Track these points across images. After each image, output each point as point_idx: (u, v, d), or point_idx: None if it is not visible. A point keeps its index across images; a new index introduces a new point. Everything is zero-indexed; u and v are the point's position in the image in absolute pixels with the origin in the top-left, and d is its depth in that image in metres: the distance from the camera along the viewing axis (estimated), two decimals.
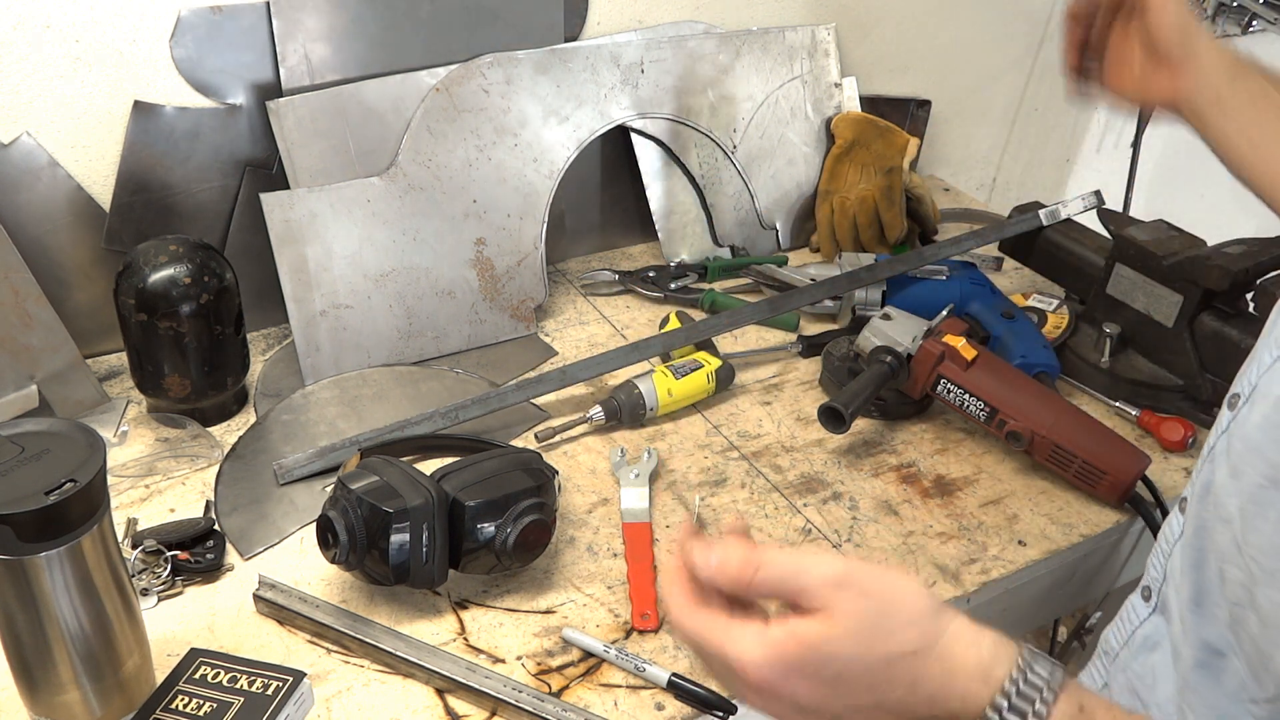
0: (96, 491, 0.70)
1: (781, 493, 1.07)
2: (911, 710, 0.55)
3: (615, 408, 1.13)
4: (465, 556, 0.88)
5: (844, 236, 1.47)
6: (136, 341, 1.05)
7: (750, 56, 1.45)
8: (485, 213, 1.27)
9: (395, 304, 1.22)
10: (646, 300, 1.40)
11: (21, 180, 1.09)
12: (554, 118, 1.31)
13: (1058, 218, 1.33)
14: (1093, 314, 1.27)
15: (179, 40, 1.12)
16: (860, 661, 0.54)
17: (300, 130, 1.18)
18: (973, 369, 1.10)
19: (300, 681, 0.80)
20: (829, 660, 0.54)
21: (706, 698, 0.83)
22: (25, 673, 0.74)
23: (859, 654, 0.54)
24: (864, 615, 0.54)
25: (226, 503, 1.01)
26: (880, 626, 0.54)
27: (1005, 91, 1.86)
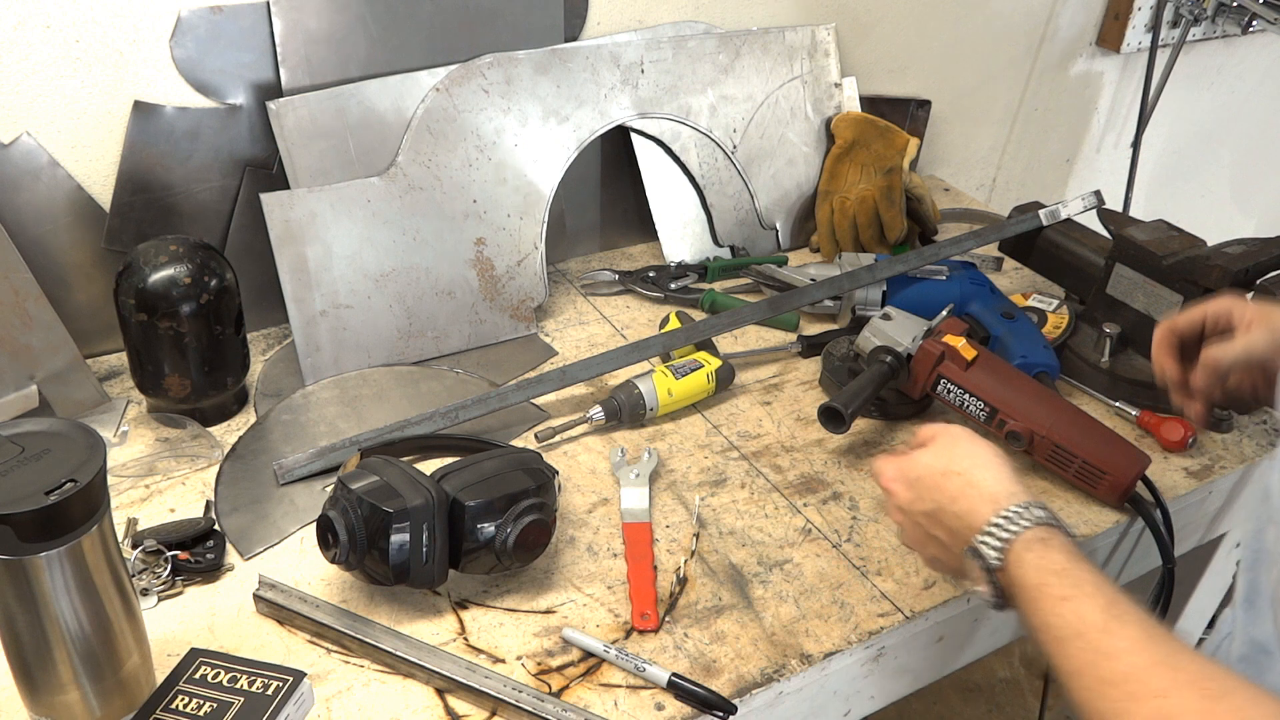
0: (96, 491, 0.70)
1: (781, 493, 1.07)
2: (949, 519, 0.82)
3: (615, 408, 1.13)
4: (465, 556, 0.88)
5: (844, 236, 1.47)
6: (136, 341, 1.05)
7: (750, 56, 1.45)
8: (485, 213, 1.27)
9: (395, 304, 1.22)
10: (646, 300, 1.40)
11: (21, 180, 1.09)
12: (554, 118, 1.31)
13: (1058, 218, 1.33)
14: (1093, 314, 1.27)
15: (179, 40, 1.12)
16: (929, 469, 0.84)
17: (300, 130, 1.18)
18: (973, 369, 1.10)
19: (300, 681, 0.80)
20: (914, 468, 0.85)
21: (706, 698, 0.83)
22: (25, 673, 0.74)
23: (930, 463, 0.84)
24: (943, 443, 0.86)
25: (226, 503, 1.01)
26: (948, 450, 0.85)
27: (1005, 91, 1.86)
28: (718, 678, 0.87)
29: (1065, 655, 0.67)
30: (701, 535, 1.01)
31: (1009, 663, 2.12)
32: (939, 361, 1.11)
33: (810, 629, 0.92)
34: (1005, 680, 2.08)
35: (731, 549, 1.00)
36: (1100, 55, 1.92)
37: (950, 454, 0.84)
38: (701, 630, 0.91)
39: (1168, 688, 0.61)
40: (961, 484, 0.81)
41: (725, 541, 1.01)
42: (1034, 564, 0.72)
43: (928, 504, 0.84)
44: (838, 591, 0.96)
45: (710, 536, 1.01)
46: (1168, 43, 1.88)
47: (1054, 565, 0.71)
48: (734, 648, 0.90)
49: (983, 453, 0.83)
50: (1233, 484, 1.21)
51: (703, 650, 0.89)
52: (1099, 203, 1.32)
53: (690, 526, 1.02)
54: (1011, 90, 1.87)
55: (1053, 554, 0.72)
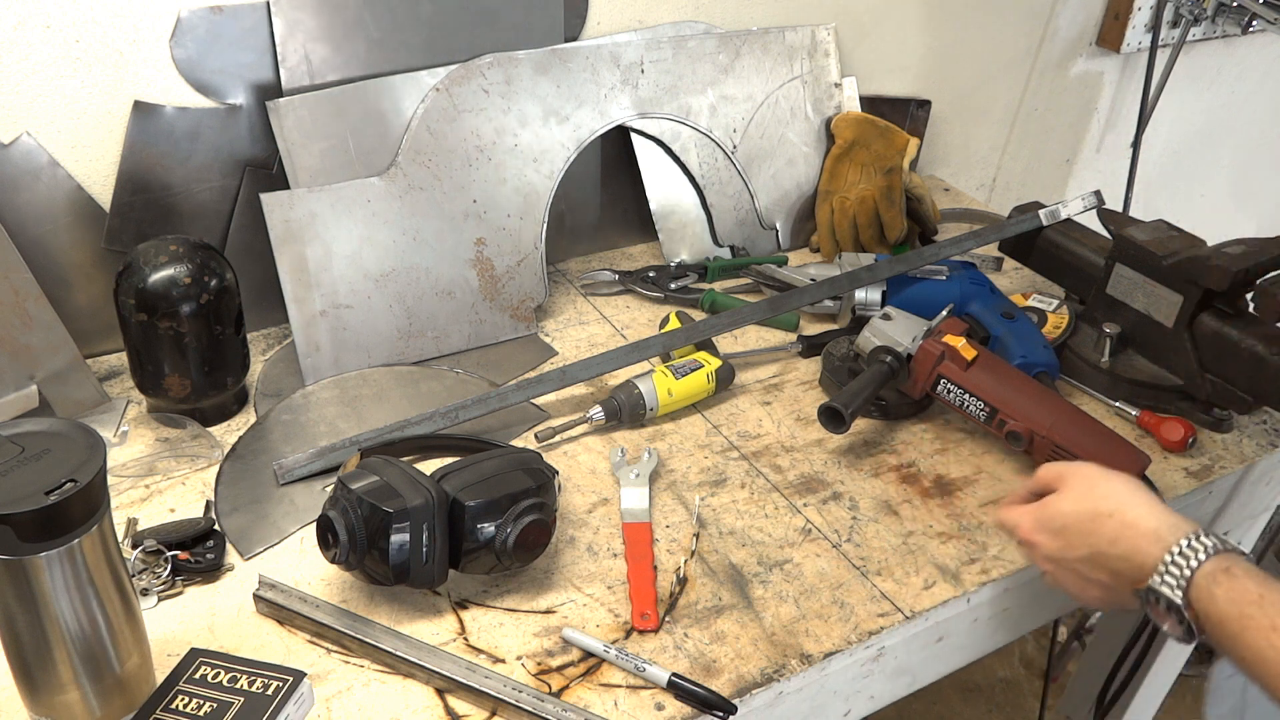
0: (96, 491, 0.70)
1: (781, 493, 1.07)
2: (1111, 561, 0.80)
3: (615, 408, 1.13)
4: (465, 556, 0.88)
5: (844, 236, 1.47)
6: (136, 341, 1.05)
7: (750, 56, 1.45)
8: (485, 213, 1.27)
9: (395, 304, 1.22)
10: (646, 300, 1.40)
11: (21, 180, 1.09)
12: (554, 118, 1.31)
13: (1058, 218, 1.33)
14: (1093, 314, 1.27)
15: (179, 40, 1.12)
16: (1075, 515, 0.82)
17: (300, 130, 1.18)
18: (973, 369, 1.10)
19: (300, 681, 0.80)
20: (1056, 516, 0.84)
21: (706, 698, 0.83)
22: (25, 673, 0.74)
23: (1075, 510, 0.82)
24: (1080, 486, 0.83)
25: (226, 503, 1.01)
26: (1089, 493, 0.82)
27: (1005, 91, 1.86)
28: (718, 678, 0.87)
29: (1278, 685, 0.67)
30: (701, 535, 1.01)
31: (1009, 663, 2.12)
32: (939, 361, 1.11)
33: (810, 629, 0.92)
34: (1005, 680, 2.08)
35: (731, 549, 1.00)
36: (1100, 55, 1.92)
37: (1092, 495, 0.82)
38: (701, 630, 0.91)
39: None
40: (1117, 526, 0.79)
41: (725, 541, 1.01)
42: (1226, 597, 0.71)
43: (1082, 550, 0.82)
44: (838, 591, 0.96)
45: (710, 536, 1.01)
46: (1168, 43, 1.88)
47: (1249, 595, 0.70)
48: (734, 648, 0.90)
49: (1125, 488, 0.81)
50: (1233, 484, 1.21)
51: (703, 650, 0.89)
52: (1099, 203, 1.32)
53: (690, 526, 1.02)
54: (1011, 90, 1.87)
55: (1243, 582, 0.71)
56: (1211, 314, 1.16)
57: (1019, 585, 1.02)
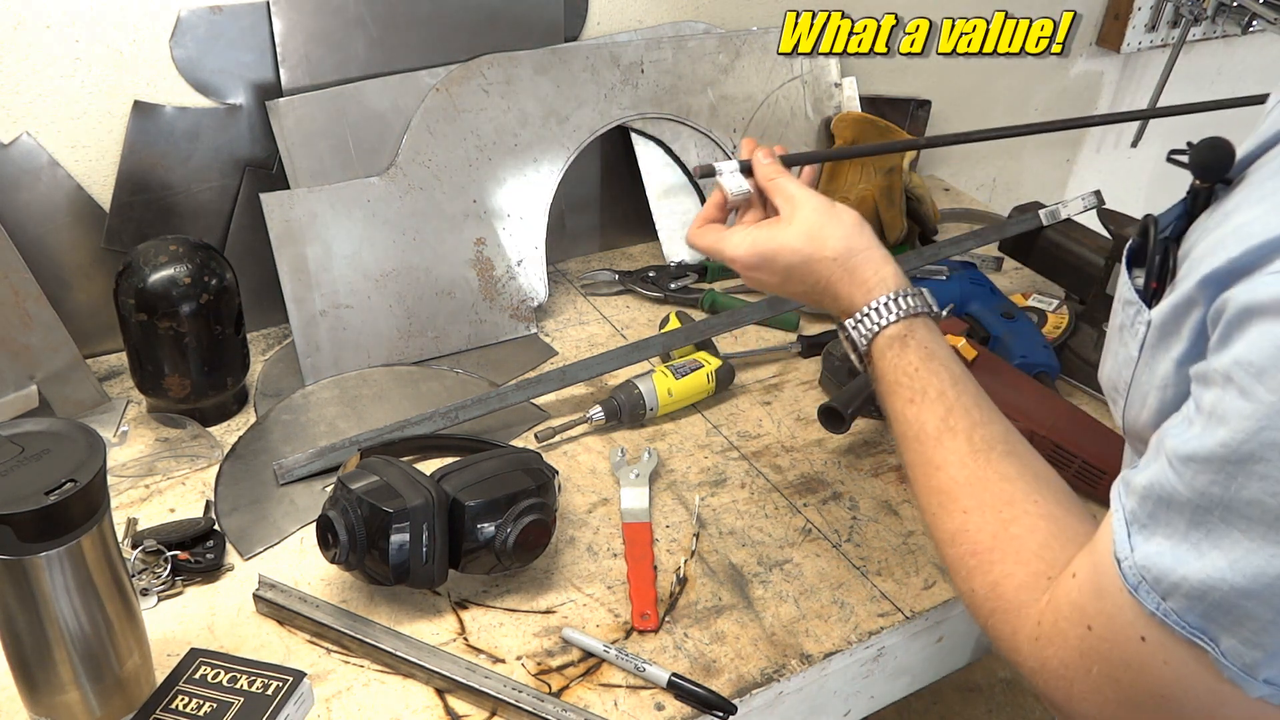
0: (96, 491, 0.70)
1: (781, 493, 1.07)
2: (822, 298, 0.82)
3: (615, 408, 1.13)
4: (465, 556, 0.88)
5: None
6: (136, 341, 1.05)
7: (750, 56, 1.45)
8: (485, 213, 1.27)
9: (395, 304, 1.22)
10: (646, 300, 1.40)
11: (21, 180, 1.09)
12: (554, 118, 1.31)
13: (1058, 218, 1.33)
14: (1093, 314, 1.27)
15: (179, 40, 1.12)
16: (798, 256, 0.81)
17: (300, 130, 1.18)
18: (973, 369, 1.09)
19: (300, 681, 0.80)
20: (779, 255, 0.82)
21: (706, 698, 0.83)
22: (25, 673, 0.74)
23: (798, 250, 0.81)
24: (808, 227, 0.81)
25: (226, 503, 1.01)
26: (815, 237, 0.81)
27: (1005, 91, 1.86)
28: (718, 678, 0.87)
29: (906, 453, 0.75)
30: (701, 535, 1.01)
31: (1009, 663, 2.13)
32: None
33: (810, 629, 0.92)
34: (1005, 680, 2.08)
35: (731, 549, 1.00)
36: (1100, 55, 1.92)
37: (819, 238, 0.81)
38: (701, 630, 0.91)
39: (971, 507, 0.68)
40: (837, 270, 0.80)
41: (725, 541, 1.01)
42: (892, 362, 0.76)
43: (797, 287, 0.84)
44: (838, 591, 0.96)
45: (710, 536, 1.01)
46: (1168, 43, 1.88)
47: (907, 366, 0.75)
48: (734, 648, 0.90)
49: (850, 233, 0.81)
50: None
51: (703, 650, 0.89)
52: (1099, 203, 1.32)
53: (690, 526, 1.02)
54: (1011, 90, 1.87)
55: (908, 355, 0.75)
56: None
57: None
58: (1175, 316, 0.59)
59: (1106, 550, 0.57)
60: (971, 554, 0.67)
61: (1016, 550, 0.65)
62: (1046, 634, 0.61)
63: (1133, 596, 0.55)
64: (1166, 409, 0.60)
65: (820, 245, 0.81)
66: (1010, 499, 0.68)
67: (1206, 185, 0.67)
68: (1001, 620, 0.64)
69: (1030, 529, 0.66)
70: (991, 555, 0.66)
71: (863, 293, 0.79)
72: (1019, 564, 0.65)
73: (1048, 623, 0.61)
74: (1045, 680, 0.62)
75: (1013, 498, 0.68)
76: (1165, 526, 0.54)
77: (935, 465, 0.71)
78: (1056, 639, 0.60)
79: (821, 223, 0.81)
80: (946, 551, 0.69)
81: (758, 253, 0.83)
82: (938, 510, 0.70)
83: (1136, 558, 0.55)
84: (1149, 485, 0.55)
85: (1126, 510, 0.56)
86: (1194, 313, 0.57)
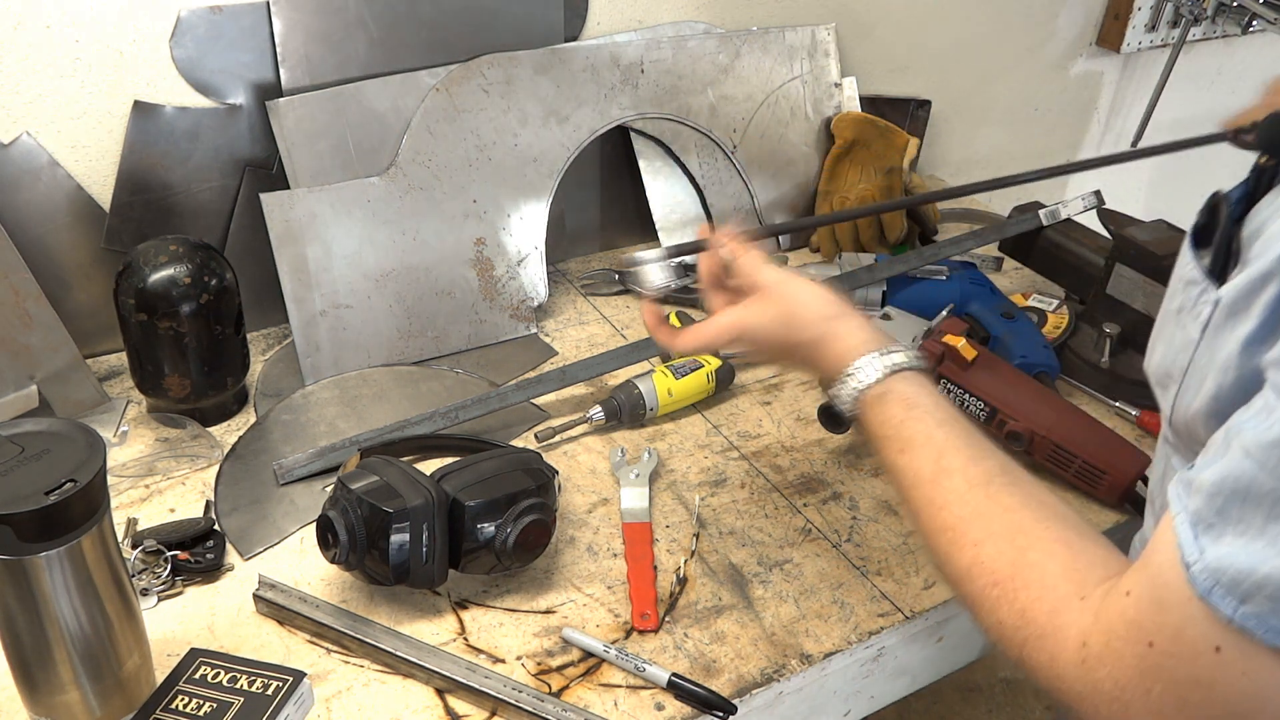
0: (96, 491, 0.70)
1: (781, 493, 1.07)
2: (806, 370, 0.84)
3: (615, 408, 1.13)
4: (465, 556, 0.88)
5: (844, 236, 1.47)
6: (136, 341, 1.05)
7: (750, 56, 1.45)
8: (485, 213, 1.27)
9: (395, 304, 1.22)
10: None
11: (21, 180, 1.09)
12: (554, 118, 1.31)
13: (1058, 218, 1.33)
14: (1093, 314, 1.27)
15: (179, 40, 1.12)
16: (773, 336, 0.82)
17: (300, 130, 1.18)
18: (973, 369, 1.10)
19: (300, 681, 0.80)
20: (754, 335, 0.83)
21: (706, 698, 0.83)
22: (25, 673, 0.74)
23: (772, 331, 0.82)
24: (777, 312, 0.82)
25: (226, 503, 1.01)
26: (789, 320, 0.81)
27: (1005, 91, 1.86)
28: (718, 678, 0.87)
29: (907, 504, 0.74)
30: (701, 535, 1.01)
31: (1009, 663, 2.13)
32: (939, 361, 1.11)
33: (810, 629, 0.92)
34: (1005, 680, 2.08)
35: (731, 549, 1.00)
36: (1100, 55, 1.92)
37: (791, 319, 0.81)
38: (701, 630, 0.91)
39: (981, 538, 0.66)
40: (811, 349, 0.81)
41: (725, 541, 1.01)
42: (877, 420, 0.77)
43: (780, 359, 0.86)
44: (838, 591, 0.96)
45: (710, 536, 1.01)
46: (1168, 43, 1.88)
47: (892, 419, 0.75)
48: (734, 648, 0.90)
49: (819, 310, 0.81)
50: None
51: (703, 650, 0.89)
52: (1099, 203, 1.32)
53: (690, 526, 1.02)
54: (1011, 90, 1.87)
55: (889, 409, 0.76)
56: None
57: None
58: (1247, 294, 0.57)
59: (1168, 559, 0.53)
60: (992, 584, 0.64)
61: (1039, 575, 0.63)
62: (1096, 655, 0.57)
63: (1204, 604, 0.51)
64: (1224, 395, 0.58)
65: (793, 328, 0.81)
66: (1020, 527, 0.66)
67: (1274, 162, 0.65)
68: (1037, 648, 0.61)
69: (1048, 554, 0.63)
70: (1014, 582, 0.63)
71: (838, 361, 0.79)
72: (1045, 588, 0.62)
73: (1097, 644, 0.57)
74: (1095, 705, 0.57)
75: (1022, 526, 0.66)
76: (1237, 524, 0.50)
77: (937, 505, 0.70)
78: (1110, 660, 0.56)
79: (791, 306, 0.82)
80: (965, 589, 0.67)
81: (734, 331, 0.84)
82: (948, 549, 0.69)
83: (1208, 560, 0.51)
84: (1220, 480, 0.52)
85: (1190, 511, 0.53)
86: (1268, 289, 0.54)
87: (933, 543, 0.70)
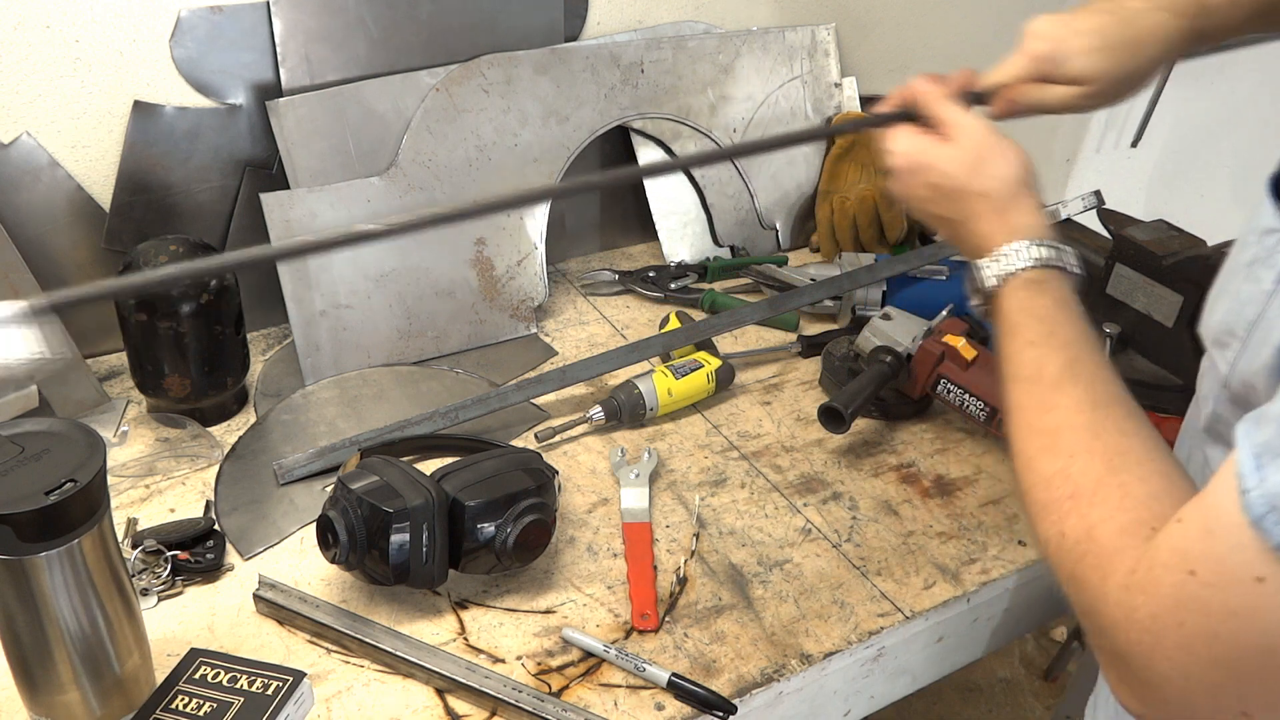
0: (96, 491, 0.70)
1: (781, 493, 1.07)
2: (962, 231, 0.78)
3: (615, 408, 1.13)
4: (465, 556, 0.88)
5: (844, 236, 1.47)
6: (136, 341, 1.05)
7: (750, 56, 1.45)
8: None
9: (395, 304, 1.22)
10: (646, 300, 1.40)
11: (21, 180, 1.09)
12: (554, 118, 1.31)
13: (1058, 218, 1.33)
14: (1093, 314, 1.26)
15: (179, 40, 1.12)
16: (952, 180, 0.77)
17: (300, 130, 1.18)
18: (973, 369, 1.10)
19: (300, 681, 0.80)
20: (933, 169, 0.78)
21: (706, 698, 0.83)
22: (25, 673, 0.74)
23: (955, 175, 0.77)
24: (972, 154, 0.77)
25: (226, 503, 1.01)
26: (976, 168, 0.77)
27: None
28: (718, 678, 0.87)
29: (1016, 393, 0.71)
30: (701, 535, 1.01)
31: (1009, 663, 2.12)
32: (939, 361, 1.11)
33: (810, 629, 0.92)
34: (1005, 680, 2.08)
35: (731, 549, 1.00)
36: None
37: (978, 170, 0.77)
38: (701, 630, 0.91)
39: (1078, 451, 0.64)
40: (985, 207, 0.77)
41: (725, 541, 1.01)
42: (1020, 304, 0.73)
43: (943, 210, 0.80)
44: (838, 591, 0.96)
45: (710, 536, 1.01)
46: None
47: (1037, 310, 0.72)
48: (734, 648, 0.90)
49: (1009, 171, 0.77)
50: None
51: (703, 650, 0.89)
52: (1099, 203, 1.32)
53: (690, 526, 1.02)
54: None
55: (1041, 299, 0.72)
56: None
57: (1019, 585, 1.02)
58: None
59: (1225, 488, 0.52)
60: (1070, 496, 0.62)
61: (1121, 496, 0.60)
62: (1139, 582, 0.56)
63: (1255, 531, 0.49)
64: None
65: (976, 176, 0.77)
66: (1124, 450, 0.63)
67: None
68: (1092, 566, 0.59)
69: (1141, 479, 0.61)
70: (1094, 498, 0.61)
71: (1005, 234, 0.75)
72: (1121, 510, 0.59)
73: (1142, 569, 0.56)
74: (1128, 635, 0.56)
75: (1128, 450, 0.63)
76: None
77: (1048, 407, 0.67)
78: (1150, 586, 0.55)
79: (984, 155, 0.77)
80: (1039, 495, 0.64)
81: (913, 159, 0.80)
82: (1038, 453, 0.66)
83: (1267, 486, 0.49)
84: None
85: (1257, 442, 0.51)
86: None
87: (1024, 441, 0.67)
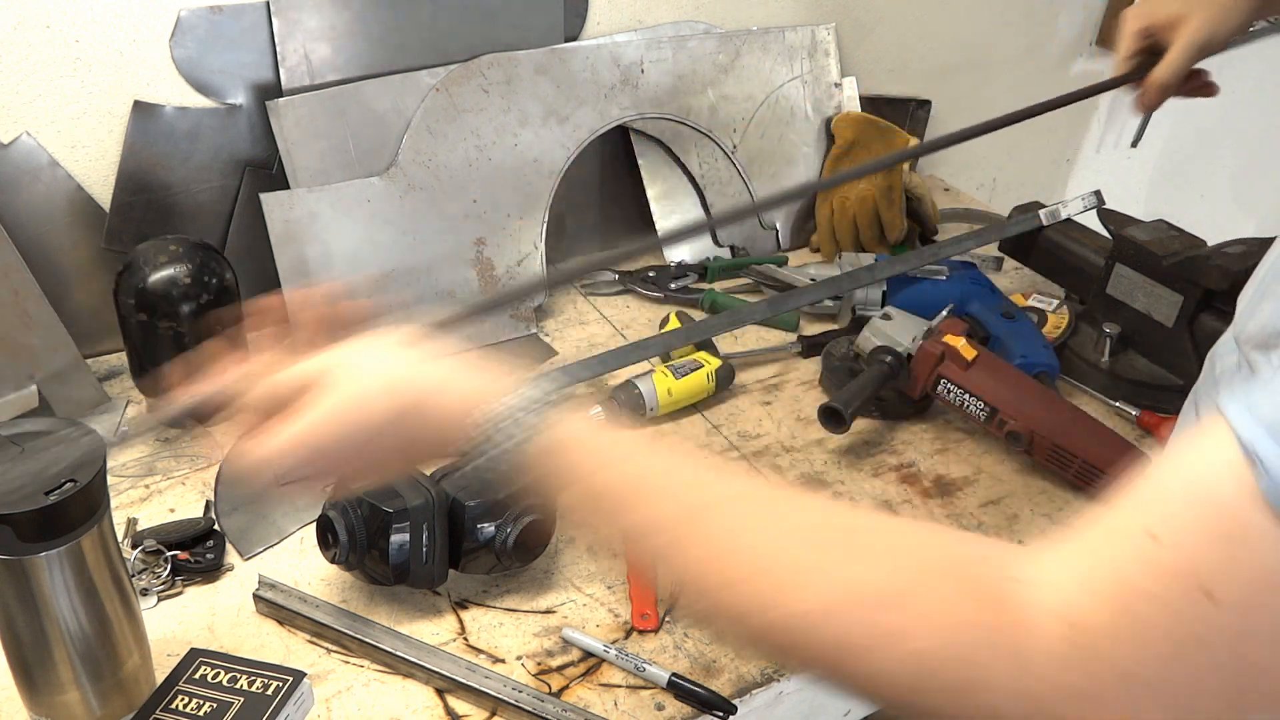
0: (96, 491, 0.70)
1: None
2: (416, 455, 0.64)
3: (615, 408, 1.13)
4: (465, 556, 0.88)
5: (844, 236, 1.47)
6: (136, 341, 1.05)
7: (750, 56, 1.45)
8: (485, 213, 1.27)
9: (395, 304, 1.22)
10: (646, 300, 1.40)
11: (21, 180, 1.09)
12: (554, 118, 1.31)
13: (1058, 218, 1.33)
14: (1093, 314, 1.27)
15: (179, 40, 1.12)
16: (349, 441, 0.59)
17: (300, 130, 1.18)
18: (973, 369, 1.10)
19: (300, 681, 0.80)
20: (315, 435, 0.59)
21: (707, 698, 0.83)
22: (25, 673, 0.74)
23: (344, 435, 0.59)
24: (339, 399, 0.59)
25: (226, 503, 1.01)
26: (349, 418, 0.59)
27: (1005, 91, 1.86)
28: (718, 678, 0.87)
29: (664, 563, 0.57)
30: None
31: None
32: (939, 361, 1.11)
33: None
34: None
35: None
36: (1100, 55, 1.92)
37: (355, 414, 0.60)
38: (701, 630, 0.91)
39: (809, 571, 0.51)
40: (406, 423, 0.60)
41: None
42: None
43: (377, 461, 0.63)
44: None
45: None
46: None
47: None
48: (734, 648, 0.90)
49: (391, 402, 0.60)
50: None
51: (703, 650, 0.89)
52: (1099, 203, 1.32)
53: None
54: (1011, 90, 1.87)
55: None
56: (1211, 314, 1.16)
57: None
58: None
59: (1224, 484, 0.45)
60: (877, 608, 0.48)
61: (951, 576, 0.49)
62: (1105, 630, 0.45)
63: None
64: None
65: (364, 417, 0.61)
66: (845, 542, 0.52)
67: None
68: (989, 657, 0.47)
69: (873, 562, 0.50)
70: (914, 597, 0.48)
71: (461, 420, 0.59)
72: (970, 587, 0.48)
73: (1101, 618, 0.45)
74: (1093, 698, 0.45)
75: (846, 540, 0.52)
76: None
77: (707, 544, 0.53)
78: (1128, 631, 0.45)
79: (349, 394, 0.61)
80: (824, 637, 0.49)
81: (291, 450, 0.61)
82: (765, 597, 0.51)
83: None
84: None
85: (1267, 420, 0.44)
86: None
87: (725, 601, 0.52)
